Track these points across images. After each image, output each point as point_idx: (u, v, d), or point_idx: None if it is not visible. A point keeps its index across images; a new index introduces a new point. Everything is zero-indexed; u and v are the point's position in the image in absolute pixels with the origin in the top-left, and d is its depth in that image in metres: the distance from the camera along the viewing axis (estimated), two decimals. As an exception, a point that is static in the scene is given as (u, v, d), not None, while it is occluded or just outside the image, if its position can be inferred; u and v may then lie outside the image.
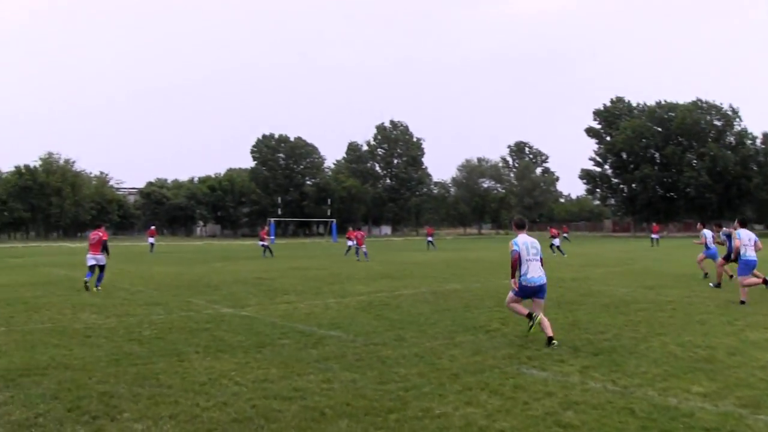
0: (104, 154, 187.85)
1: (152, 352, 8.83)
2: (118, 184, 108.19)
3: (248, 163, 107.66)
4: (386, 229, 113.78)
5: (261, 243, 36.52)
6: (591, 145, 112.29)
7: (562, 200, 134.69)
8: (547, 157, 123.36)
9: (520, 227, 9.82)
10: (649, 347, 8.98)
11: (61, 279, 21.06)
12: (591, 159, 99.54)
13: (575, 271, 23.25)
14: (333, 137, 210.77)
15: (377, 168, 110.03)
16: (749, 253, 13.84)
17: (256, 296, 15.49)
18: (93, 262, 17.34)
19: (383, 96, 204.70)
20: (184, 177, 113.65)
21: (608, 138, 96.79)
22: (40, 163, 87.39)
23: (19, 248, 53.67)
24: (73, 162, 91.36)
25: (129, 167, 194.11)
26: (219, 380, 7.28)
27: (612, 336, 9.85)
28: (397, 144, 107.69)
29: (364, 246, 31.98)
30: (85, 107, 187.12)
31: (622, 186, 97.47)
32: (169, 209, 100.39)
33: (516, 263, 9.37)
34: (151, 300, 14.84)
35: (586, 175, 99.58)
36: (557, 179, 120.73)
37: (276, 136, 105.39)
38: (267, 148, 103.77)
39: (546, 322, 9.35)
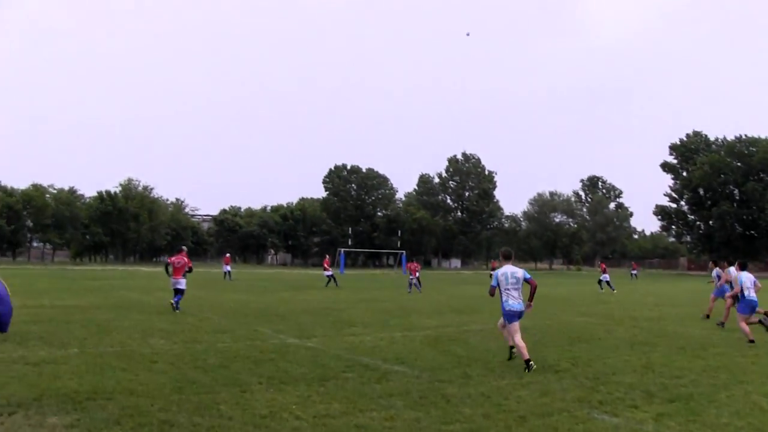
0: (180, 181, 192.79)
1: (215, 380, 8.81)
2: (192, 211, 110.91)
3: (320, 192, 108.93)
4: (456, 262, 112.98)
5: (325, 273, 36.74)
6: (666, 181, 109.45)
7: (635, 236, 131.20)
8: (620, 192, 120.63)
9: (507, 258, 10.90)
10: (730, 396, 8.47)
11: (134, 303, 21.48)
12: (666, 195, 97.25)
13: (649, 309, 22.55)
14: (404, 169, 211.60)
15: (448, 200, 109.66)
16: (752, 294, 14.37)
17: (322, 327, 15.44)
18: (176, 286, 18.64)
19: (455, 128, 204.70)
20: (257, 205, 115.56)
21: (685, 173, 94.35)
22: (119, 188, 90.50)
23: (98, 271, 55.25)
24: (151, 188, 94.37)
25: (204, 194, 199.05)
26: (280, 413, 7.16)
27: (689, 381, 9.36)
28: (469, 177, 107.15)
29: (413, 278, 32.32)
30: (163, 134, 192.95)
31: (698, 223, 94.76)
32: (242, 237, 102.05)
33: (491, 296, 10.78)
34: (218, 327, 14.94)
35: (660, 211, 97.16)
36: (631, 215, 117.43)
37: (348, 166, 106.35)
38: (339, 178, 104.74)
39: (522, 344, 10.26)
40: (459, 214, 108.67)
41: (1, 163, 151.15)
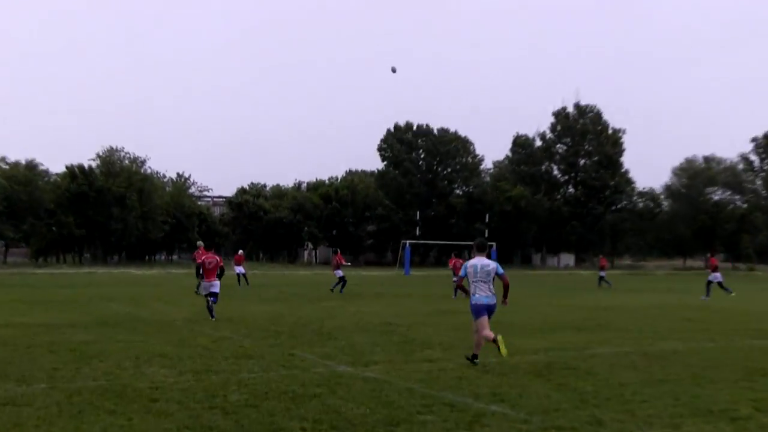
0: (183, 151, 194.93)
1: (241, 426, 8.82)
2: (200, 191, 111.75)
3: (375, 164, 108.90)
4: (567, 258, 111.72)
5: (336, 272, 36.56)
6: None
7: None
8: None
9: (480, 250, 13.95)
10: None
11: (123, 318, 21.76)
12: None
13: None
14: (493, 128, 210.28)
15: (555, 171, 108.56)
16: None
17: (385, 350, 15.48)
18: (209, 290, 20.79)
19: (564, 70, 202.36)
20: (287, 182, 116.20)
21: None
22: (97, 162, 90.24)
23: (70, 275, 56.26)
24: (142, 161, 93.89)
25: (216, 168, 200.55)
26: (333, 473, 7.12)
27: None
28: (585, 138, 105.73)
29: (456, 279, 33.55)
30: (159, 86, 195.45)
31: None
32: (268, 226, 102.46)
33: (459, 285, 14.37)
34: (240, 351, 15.05)
35: None
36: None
37: (414, 126, 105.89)
38: (400, 143, 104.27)
39: (482, 342, 13.59)
40: (571, 190, 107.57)
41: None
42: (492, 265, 13.58)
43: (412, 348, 15.87)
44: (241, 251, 48.83)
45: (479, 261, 13.65)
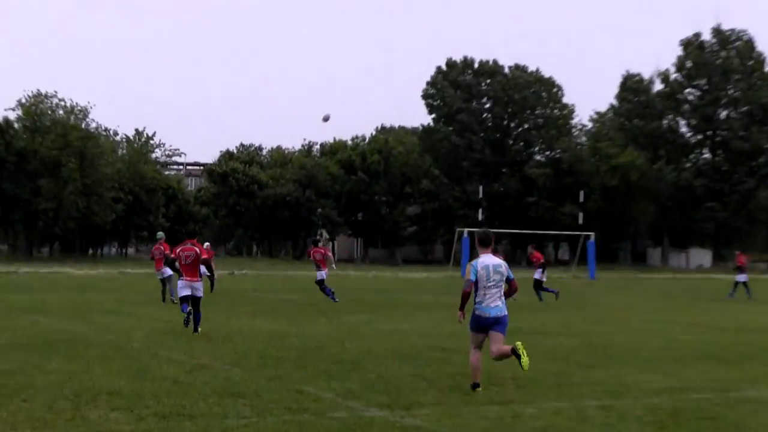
0: (142, 98, 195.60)
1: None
2: (169, 155, 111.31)
3: (418, 118, 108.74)
4: (700, 256, 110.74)
5: (321, 273, 36.40)
6: None
7: None
8: None
9: (485, 244, 14.90)
10: None
11: (56, 338, 21.79)
12: None
13: None
14: (590, 66, 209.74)
15: (683, 128, 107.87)
16: None
17: (433, 386, 15.44)
18: (188, 292, 21.22)
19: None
20: (293, 144, 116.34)
21: None
22: (18, 111, 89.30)
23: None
24: (83, 110, 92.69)
25: (191, 125, 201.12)
26: None
27: None
28: (730, 79, 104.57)
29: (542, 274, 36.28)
30: (107, 16, 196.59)
31: None
32: (265, 206, 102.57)
33: (467, 295, 14.60)
34: (225, 386, 14.98)
35: None
36: None
37: (475, 63, 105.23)
38: (455, 87, 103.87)
39: (477, 365, 14.77)
40: (707, 155, 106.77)
41: None
42: (504, 264, 14.76)
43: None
44: (207, 244, 47.67)
45: (490, 260, 14.67)
